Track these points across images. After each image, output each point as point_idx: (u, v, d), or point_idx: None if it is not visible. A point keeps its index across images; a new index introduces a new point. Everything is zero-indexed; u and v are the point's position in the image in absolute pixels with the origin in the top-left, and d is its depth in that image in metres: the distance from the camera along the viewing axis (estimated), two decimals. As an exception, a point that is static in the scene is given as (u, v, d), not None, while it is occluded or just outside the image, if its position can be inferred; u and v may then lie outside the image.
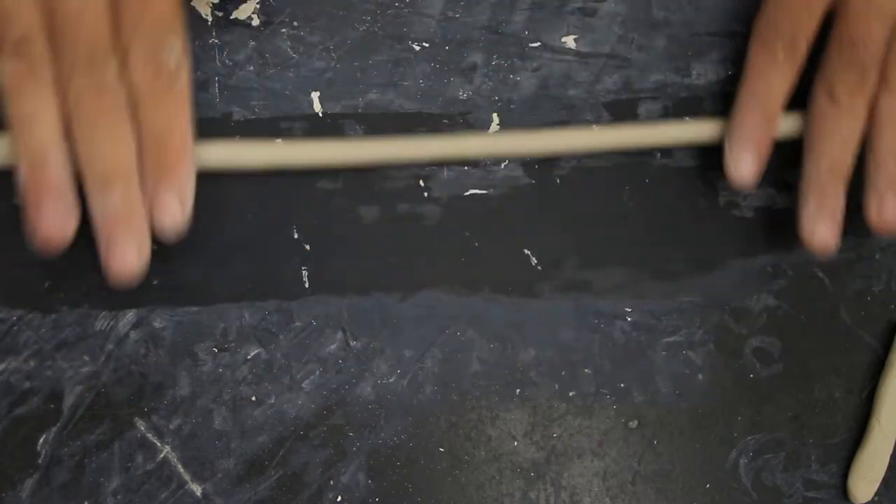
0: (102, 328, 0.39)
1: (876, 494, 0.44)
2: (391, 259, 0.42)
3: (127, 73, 0.34)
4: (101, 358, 0.39)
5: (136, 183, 0.35)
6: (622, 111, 0.44)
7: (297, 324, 0.41)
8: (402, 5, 0.43)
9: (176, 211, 0.35)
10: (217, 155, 0.38)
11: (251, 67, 0.41)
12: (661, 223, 0.44)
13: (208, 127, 0.41)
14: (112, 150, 0.34)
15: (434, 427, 0.42)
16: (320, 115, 0.42)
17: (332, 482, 0.40)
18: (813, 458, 0.44)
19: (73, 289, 0.39)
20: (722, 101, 0.45)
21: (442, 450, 0.41)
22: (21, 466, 0.38)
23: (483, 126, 0.43)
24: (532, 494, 0.42)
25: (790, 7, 0.39)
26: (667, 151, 0.45)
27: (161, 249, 0.40)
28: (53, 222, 0.34)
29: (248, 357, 0.40)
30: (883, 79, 0.39)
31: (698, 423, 0.43)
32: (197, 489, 0.39)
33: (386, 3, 0.43)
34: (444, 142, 0.41)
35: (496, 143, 0.42)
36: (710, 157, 0.45)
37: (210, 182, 0.41)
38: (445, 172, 0.43)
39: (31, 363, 0.39)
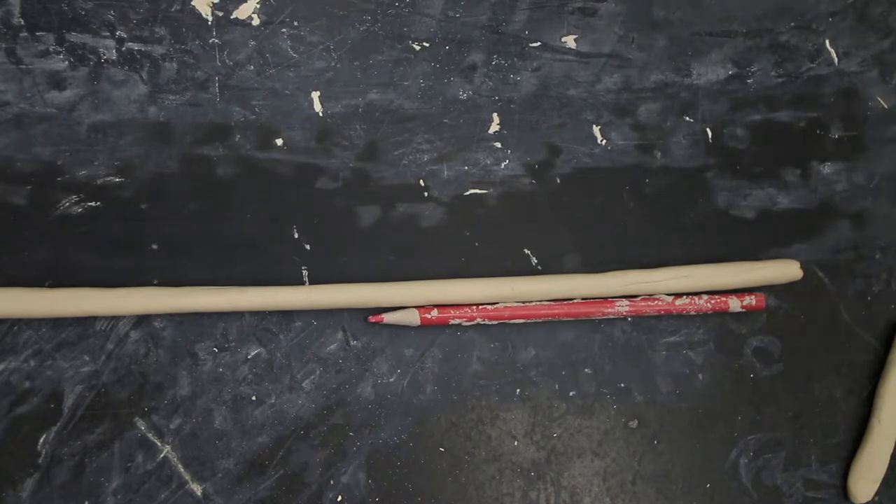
0: (102, 328, 0.39)
1: (876, 494, 0.44)
2: (391, 259, 0.42)
3: None
4: (101, 358, 0.39)
5: None
6: (622, 111, 0.44)
7: (298, 324, 0.41)
8: (403, 5, 0.43)
9: None
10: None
11: (251, 67, 0.41)
12: (661, 223, 0.44)
13: (209, 127, 0.41)
14: None
15: (434, 427, 0.42)
16: (321, 114, 0.42)
17: (332, 482, 0.40)
18: (813, 457, 0.44)
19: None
20: (722, 100, 0.45)
21: (442, 450, 0.41)
22: (21, 466, 0.38)
23: (483, 125, 0.43)
24: (532, 494, 0.42)
25: None
26: (667, 151, 0.45)
27: (161, 248, 0.40)
28: None
29: (249, 357, 0.40)
30: None
31: (698, 423, 0.43)
32: (197, 489, 0.39)
33: (386, 3, 0.43)
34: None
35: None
36: (710, 157, 0.45)
37: (211, 181, 0.41)
38: (445, 172, 0.43)
39: (31, 363, 0.39)
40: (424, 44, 0.43)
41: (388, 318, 0.41)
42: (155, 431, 0.39)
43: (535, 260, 0.43)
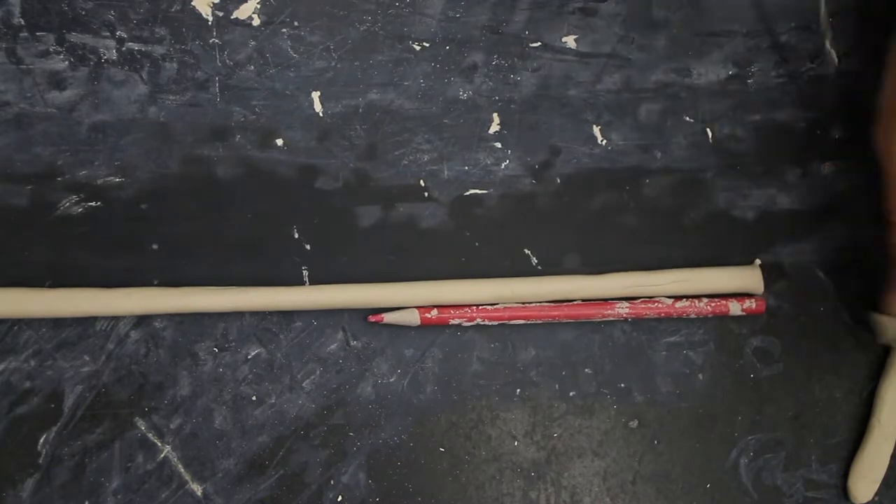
0: (103, 328, 0.39)
1: (876, 494, 0.44)
2: (391, 259, 0.42)
3: None
4: (101, 358, 0.39)
5: None
6: (622, 111, 0.44)
7: (298, 324, 0.41)
8: (403, 5, 0.43)
9: None
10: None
11: (252, 67, 0.41)
12: (661, 223, 0.44)
13: (209, 127, 0.41)
14: None
15: (434, 427, 0.42)
16: (321, 114, 0.42)
17: (332, 482, 0.40)
18: (813, 458, 0.44)
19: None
20: (722, 101, 0.45)
21: (442, 450, 0.41)
22: (21, 466, 0.38)
23: (484, 125, 0.43)
24: (532, 494, 0.42)
25: None
26: (667, 151, 0.45)
27: (161, 248, 0.40)
28: None
29: (249, 357, 0.40)
30: None
31: (698, 423, 0.43)
32: (197, 489, 0.39)
33: (386, 3, 0.43)
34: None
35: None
36: (710, 157, 0.45)
37: (211, 181, 0.41)
38: (445, 172, 0.43)
39: (32, 363, 0.39)
40: (424, 44, 0.43)
41: (388, 317, 0.41)
42: (155, 431, 0.39)
43: (535, 260, 0.43)
